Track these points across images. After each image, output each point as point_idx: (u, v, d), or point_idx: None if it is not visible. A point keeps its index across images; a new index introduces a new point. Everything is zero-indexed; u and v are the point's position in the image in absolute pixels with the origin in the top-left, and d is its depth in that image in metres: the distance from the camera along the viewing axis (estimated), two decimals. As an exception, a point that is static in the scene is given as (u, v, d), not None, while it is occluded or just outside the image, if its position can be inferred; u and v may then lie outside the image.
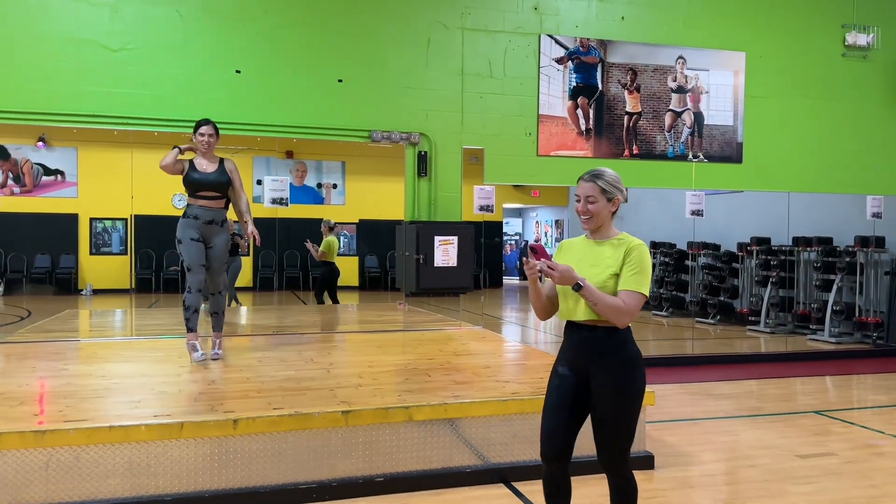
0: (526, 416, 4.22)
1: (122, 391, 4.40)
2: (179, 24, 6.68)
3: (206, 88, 6.76)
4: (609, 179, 2.81)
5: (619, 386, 2.70)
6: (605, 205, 2.80)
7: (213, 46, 6.77)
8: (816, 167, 8.63)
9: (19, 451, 3.43)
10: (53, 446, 3.47)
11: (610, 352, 2.72)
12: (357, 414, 3.91)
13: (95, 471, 3.54)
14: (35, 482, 3.46)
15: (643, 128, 7.94)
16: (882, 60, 8.86)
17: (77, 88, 6.46)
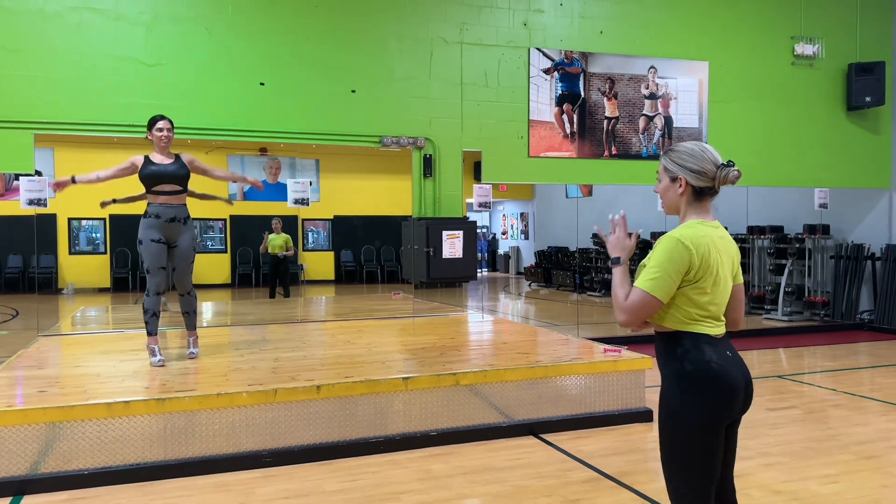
0: (549, 381, 5.07)
1: (206, 369, 5.08)
2: (208, 40, 7.29)
3: (234, 99, 7.39)
4: (676, 156, 2.33)
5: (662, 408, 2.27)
6: (667, 185, 2.36)
7: (239, 61, 7.40)
8: (770, 164, 9.70)
9: (143, 416, 4.12)
10: (171, 412, 4.17)
11: (662, 362, 2.31)
12: (415, 380, 4.70)
13: (204, 432, 4.25)
14: (155, 443, 4.15)
15: (620, 131, 8.87)
16: (826, 68, 9.97)
17: (115, 100, 7.02)
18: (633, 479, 4.04)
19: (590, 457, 4.45)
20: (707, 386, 2.17)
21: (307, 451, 4.41)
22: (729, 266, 2.35)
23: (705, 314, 2.26)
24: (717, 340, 2.27)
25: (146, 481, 4.01)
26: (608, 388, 5.19)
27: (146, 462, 4.09)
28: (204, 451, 4.23)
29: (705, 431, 2.17)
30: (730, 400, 2.19)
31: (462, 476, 4.12)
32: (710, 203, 2.36)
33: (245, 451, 4.29)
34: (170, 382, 4.60)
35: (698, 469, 2.19)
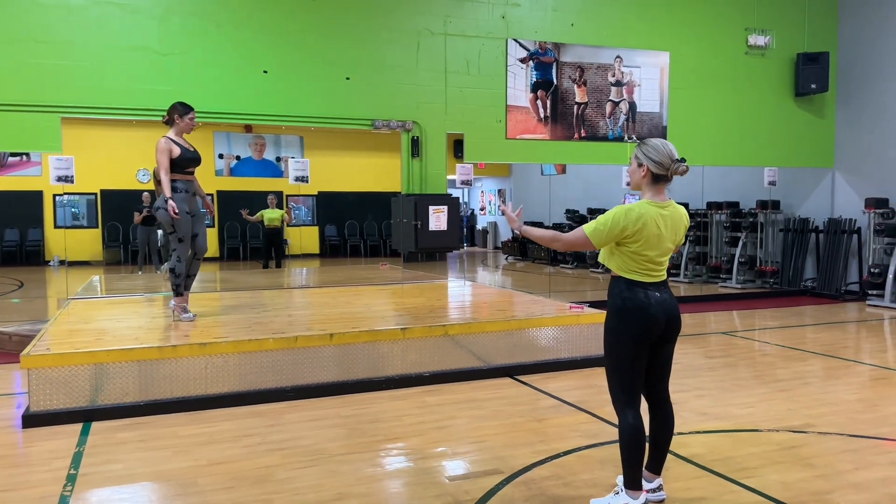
0: (522, 332, 6.00)
1: (232, 322, 5.93)
2: (216, 32, 8.02)
3: (240, 86, 8.15)
4: (644, 149, 3.05)
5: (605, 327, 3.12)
6: (635, 169, 3.08)
7: (245, 51, 8.15)
8: (725, 145, 10.68)
9: (188, 358, 4.97)
10: (211, 354, 5.03)
11: (608, 296, 3.15)
12: (410, 330, 5.61)
13: (237, 370, 5.12)
14: (197, 379, 5.01)
15: (589, 115, 9.77)
16: (777, 58, 10.94)
17: (131, 86, 7.76)
18: (589, 405, 5.01)
19: (555, 391, 5.40)
20: (633, 315, 3.00)
21: (322, 387, 5.30)
22: (671, 233, 3.07)
23: (639, 266, 3.03)
24: (648, 285, 3.03)
25: (192, 411, 4.88)
26: (572, 338, 6.15)
27: (191, 395, 4.96)
28: (238, 387, 5.10)
29: (629, 345, 3.01)
30: (649, 326, 3.00)
31: (451, 405, 5.05)
32: (664, 186, 3.08)
33: (271, 387, 5.17)
34: (205, 332, 5.46)
35: (624, 370, 3.06)
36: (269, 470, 3.80)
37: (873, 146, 10.83)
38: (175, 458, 3.99)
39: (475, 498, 3.41)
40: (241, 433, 4.43)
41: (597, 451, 4.08)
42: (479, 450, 4.11)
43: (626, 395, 3.08)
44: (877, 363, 6.44)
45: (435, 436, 4.38)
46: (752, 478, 3.62)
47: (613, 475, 3.67)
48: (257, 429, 4.52)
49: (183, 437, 4.37)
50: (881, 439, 4.26)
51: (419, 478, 3.71)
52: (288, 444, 4.23)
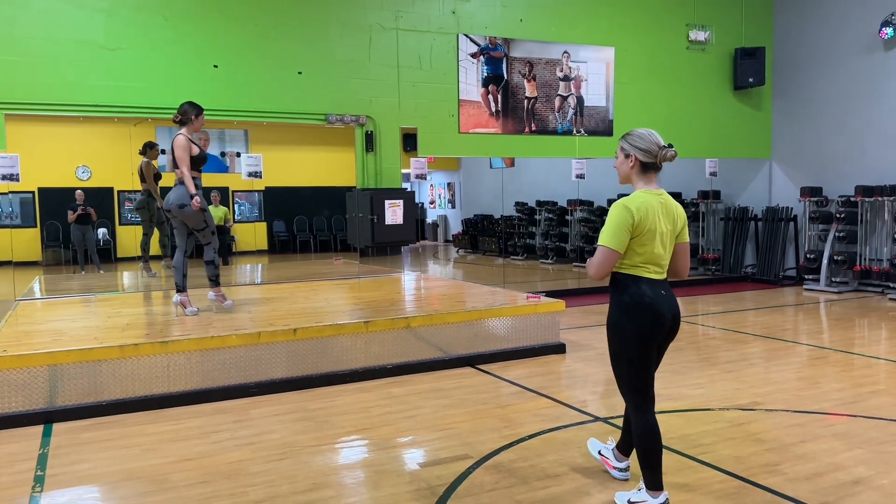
0: (482, 322, 6.14)
1: (191, 320, 5.89)
2: (165, 26, 7.89)
3: (189, 81, 8.03)
4: (630, 137, 3.04)
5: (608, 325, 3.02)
6: (622, 161, 3.04)
7: (194, 45, 8.03)
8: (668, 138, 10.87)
9: (150, 356, 4.94)
10: (173, 352, 5.00)
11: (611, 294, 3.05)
12: (374, 323, 5.68)
13: (200, 368, 5.10)
14: (160, 378, 4.98)
15: (539, 109, 9.98)
16: (716, 53, 11.36)
17: (79, 82, 7.57)
18: (549, 391, 5.19)
19: (516, 378, 5.56)
20: (639, 312, 2.90)
21: (287, 382, 5.33)
22: (669, 225, 2.99)
23: (644, 261, 2.94)
24: (653, 282, 2.94)
25: (156, 409, 4.85)
26: (529, 327, 6.32)
27: (154, 394, 4.93)
28: (201, 385, 5.09)
29: (638, 344, 2.92)
30: (657, 324, 2.92)
31: (416, 395, 5.16)
32: (654, 175, 3.02)
33: (236, 383, 5.18)
34: (165, 330, 5.42)
35: (634, 371, 2.97)
36: (240, 464, 3.83)
37: (807, 137, 11.37)
38: (144, 456, 3.98)
39: (447, 482, 3.52)
40: (208, 429, 4.44)
41: (560, 433, 4.25)
42: (448, 437, 4.22)
43: (640, 396, 3.00)
44: (815, 343, 6.83)
45: (403, 425, 4.47)
46: (707, 453, 3.84)
47: (578, 456, 3.84)
48: (224, 425, 4.53)
49: (149, 434, 4.35)
50: (824, 413, 4.55)
51: (391, 465, 3.80)
52: (257, 438, 4.26)
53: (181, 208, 5.88)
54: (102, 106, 7.74)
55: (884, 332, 7.42)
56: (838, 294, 10.16)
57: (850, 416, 4.48)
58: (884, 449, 3.86)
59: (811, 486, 3.37)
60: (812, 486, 3.38)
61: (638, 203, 2.91)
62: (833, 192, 10.84)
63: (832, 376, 5.52)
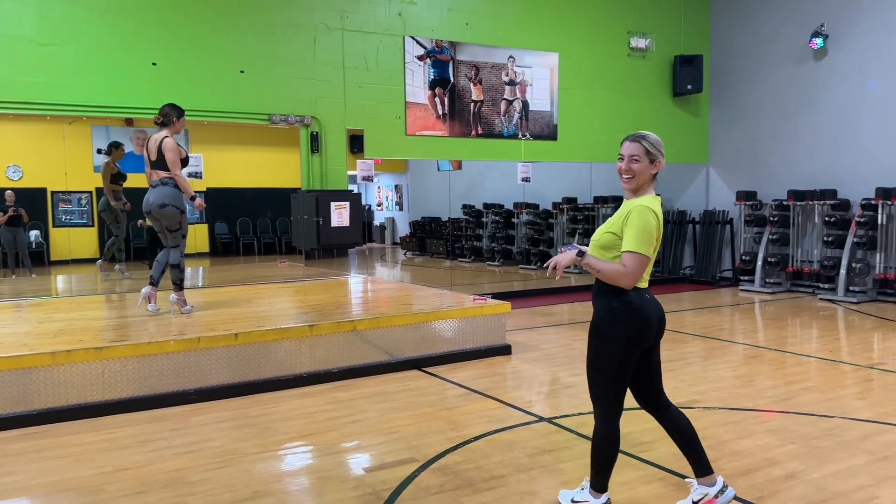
0: (429, 325, 6.13)
1: (129, 325, 5.70)
2: (99, 21, 7.62)
3: (126, 78, 7.79)
4: (653, 141, 2.88)
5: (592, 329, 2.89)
6: (647, 166, 2.85)
7: (131, 42, 7.79)
8: (611, 142, 11.23)
9: (83, 363, 4.75)
10: (108, 359, 4.83)
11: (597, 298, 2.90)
12: (319, 327, 5.61)
13: (137, 375, 4.94)
14: (94, 385, 4.81)
15: (485, 113, 10.04)
16: (656, 59, 11.64)
17: (10, 79, 7.24)
18: (495, 393, 5.21)
19: (462, 380, 5.58)
20: (627, 317, 2.80)
21: (228, 388, 5.21)
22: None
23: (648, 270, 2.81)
24: (641, 288, 2.85)
25: (90, 418, 4.68)
26: (476, 329, 6.35)
27: (88, 402, 4.75)
28: (138, 392, 4.93)
29: (623, 350, 2.82)
30: (644, 330, 2.83)
31: (362, 399, 5.11)
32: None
33: (174, 390, 5.03)
34: (101, 335, 5.23)
35: (615, 376, 2.85)
36: (179, 473, 3.73)
37: (743, 143, 11.76)
38: (77, 467, 3.83)
39: (392, 487, 3.50)
40: (145, 438, 4.30)
41: (505, 434, 4.27)
42: (393, 440, 4.20)
43: (612, 402, 2.90)
44: (750, 342, 7.06)
45: (348, 430, 4.43)
46: (648, 451, 3.92)
47: (522, 456, 3.87)
48: (162, 433, 4.40)
49: (83, 444, 4.19)
50: (758, 410, 4.70)
51: (336, 471, 3.75)
52: (196, 446, 4.15)
53: (162, 208, 5.93)
54: (34, 103, 7.43)
55: (814, 331, 7.72)
56: (772, 294, 10.53)
57: (783, 412, 4.65)
58: (815, 444, 4.01)
59: (747, 482, 3.47)
60: (748, 481, 3.49)
61: (658, 208, 2.84)
62: (767, 196, 11.24)
63: (766, 374, 5.71)
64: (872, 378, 5.55)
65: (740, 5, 11.65)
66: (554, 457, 3.88)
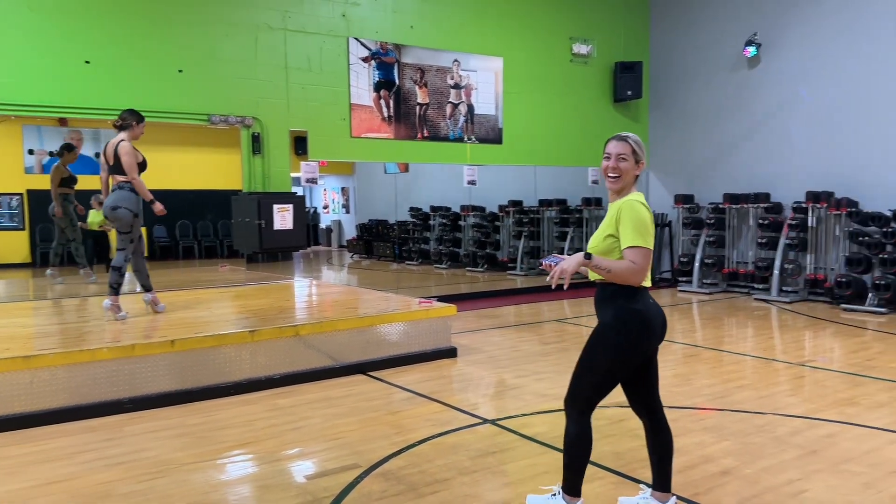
0: (374, 328, 6.08)
1: (60, 332, 5.48)
2: (31, 17, 7.32)
3: (58, 76, 7.51)
4: (638, 142, 2.90)
5: (595, 333, 2.82)
6: (633, 165, 2.86)
7: (64, 39, 7.51)
8: (554, 146, 11.42)
9: (9, 373, 4.54)
10: (37, 367, 4.63)
11: (601, 305, 2.84)
12: (260, 332, 5.50)
13: (69, 384, 4.75)
14: (22, 395, 4.60)
15: (431, 116, 10.04)
16: (598, 65, 11.86)
17: (-71, 74, 6.90)
18: (440, 396, 5.21)
19: (407, 384, 5.55)
20: (636, 326, 2.74)
21: (165, 396, 5.06)
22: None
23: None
24: (645, 291, 2.79)
25: (18, 429, 4.47)
26: (422, 332, 6.33)
27: (16, 413, 4.54)
28: (69, 402, 4.73)
29: (624, 357, 2.76)
30: (648, 337, 2.78)
31: (304, 405, 5.03)
32: None
33: (108, 399, 4.86)
34: (30, 343, 5.01)
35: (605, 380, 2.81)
36: (110, 485, 3.59)
37: (681, 148, 12.08)
38: (6, 480, 3.65)
39: (334, 494, 3.45)
40: (76, 450, 4.14)
41: (449, 437, 4.27)
42: (336, 447, 4.14)
43: (593, 403, 2.86)
44: (688, 342, 7.24)
45: (289, 437, 4.35)
46: (589, 451, 3.96)
47: (466, 459, 3.87)
48: (94, 444, 4.24)
49: (11, 457, 4.00)
50: (695, 409, 4.82)
51: (276, 479, 3.68)
52: (129, 457, 4.01)
53: (114, 210, 5.94)
54: (-43, 101, 7.09)
55: (750, 330, 7.97)
56: (709, 295, 10.84)
57: (719, 409, 4.78)
58: (749, 440, 4.13)
59: (683, 479, 3.55)
60: (684, 478, 3.56)
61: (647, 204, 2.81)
62: (704, 199, 11.57)
63: (703, 373, 5.87)
64: (803, 375, 5.76)
65: (678, 14, 11.98)
66: (497, 458, 3.90)
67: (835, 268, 9.75)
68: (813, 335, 7.60)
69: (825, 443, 4.08)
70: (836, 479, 3.53)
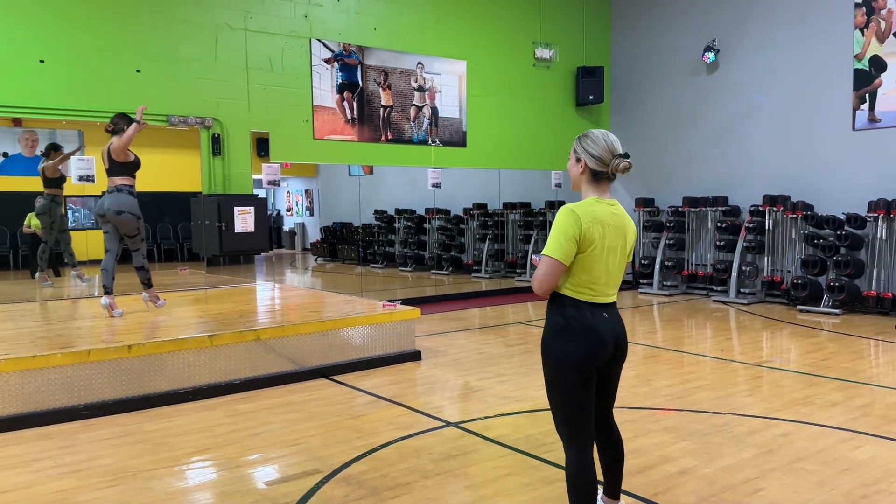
0: (337, 332, 6.04)
1: (10, 338, 5.32)
2: (-21, 12, 7.11)
3: (11, 76, 7.29)
4: (583, 142, 2.64)
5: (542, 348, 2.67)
6: (573, 164, 2.68)
7: (17, 37, 7.30)
8: (517, 150, 11.49)
9: (-43, 381, 4.40)
10: None
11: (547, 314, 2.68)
12: (219, 337, 5.41)
13: (21, 390, 4.61)
14: (-31, 405, 4.45)
15: (395, 118, 10.02)
16: (560, 70, 11.97)
17: None
18: (404, 399, 5.19)
19: (371, 388, 5.52)
20: (575, 336, 2.55)
21: (121, 403, 4.94)
22: (621, 240, 2.62)
23: (589, 282, 2.57)
24: (595, 305, 2.59)
25: (-36, 440, 4.33)
26: (385, 335, 6.30)
27: (-38, 423, 4.39)
28: (22, 409, 4.60)
29: (573, 371, 2.54)
30: (596, 349, 2.56)
31: (265, 410, 4.97)
32: (607, 185, 2.62)
33: (62, 406, 4.73)
34: (-24, 351, 4.85)
35: (568, 401, 2.59)
36: (65, 494, 3.50)
37: (641, 152, 12.24)
38: (-53, 495, 3.53)
39: (295, 500, 3.41)
40: (29, 458, 4.02)
41: (412, 441, 4.25)
42: (297, 452, 4.10)
43: (569, 430, 2.64)
44: (648, 343, 7.34)
45: (249, 443, 4.29)
46: (551, 452, 3.99)
47: (428, 462, 3.86)
48: (48, 451, 4.13)
49: (-45, 469, 3.86)
50: (654, 409, 4.89)
51: (235, 486, 3.62)
52: (85, 464, 3.91)
53: (118, 215, 6.20)
54: None
55: (708, 332, 8.12)
56: (669, 297, 11.01)
57: (678, 410, 4.85)
58: (707, 440, 4.20)
59: (643, 479, 3.60)
60: (644, 478, 3.61)
61: (586, 209, 2.54)
62: (664, 202, 11.75)
63: (663, 373, 5.95)
64: (761, 375, 5.89)
65: (639, 19, 12.16)
66: (460, 461, 3.89)
67: (791, 270, 9.99)
68: (770, 336, 7.77)
69: (781, 441, 4.17)
70: (791, 478, 3.61)
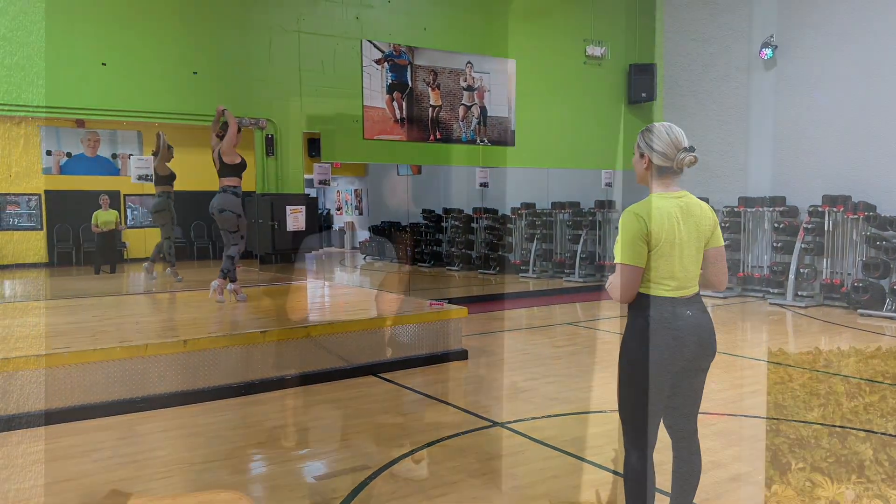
0: (385, 330, 6.09)
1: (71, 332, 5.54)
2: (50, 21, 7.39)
3: (75, 78, 7.58)
4: (647, 137, 2.60)
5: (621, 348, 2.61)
6: (637, 159, 2.65)
7: (81, 42, 7.59)
8: (567, 149, 11.38)
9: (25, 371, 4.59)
10: (52, 366, 4.68)
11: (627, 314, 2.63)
12: (270, 333, 5.52)
13: (82, 383, 4.80)
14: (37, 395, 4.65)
15: (443, 118, 10.05)
16: (611, 68, 11.81)
17: None
18: (450, 398, 5.21)
19: (418, 386, 5.55)
20: (653, 335, 2.49)
21: (176, 396, 5.09)
22: (693, 231, 2.56)
23: (663, 276, 2.51)
24: (675, 300, 2.53)
25: (31, 427, 4.52)
26: (433, 334, 6.33)
27: (29, 411, 4.59)
28: (81, 401, 4.78)
29: (644, 371, 2.48)
30: (674, 351, 2.50)
31: (316, 406, 5.05)
32: (672, 178, 2.58)
33: (120, 398, 4.90)
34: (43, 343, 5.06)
35: (637, 402, 2.53)
36: (122, 483, 3.62)
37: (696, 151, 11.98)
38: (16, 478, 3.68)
39: (343, 495, 3.45)
40: (89, 448, 4.18)
41: (458, 440, 4.26)
42: (345, 448, 4.15)
43: (634, 432, 2.58)
44: (701, 346, 7.17)
45: (299, 438, 4.37)
46: (599, 455, 3.95)
47: (475, 461, 3.87)
48: (107, 442, 4.28)
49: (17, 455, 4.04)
50: (707, 413, 4.78)
51: (284, 480, 3.69)
52: (142, 455, 4.05)
53: (220, 212, 6.83)
54: None
55: (764, 335, 7.90)
56: (724, 299, 10.75)
57: (731, 415, 4.74)
58: (760, 446, 4.09)
59: (694, 484, 3.52)
60: (695, 483, 3.53)
61: (649, 209, 2.51)
62: (718, 202, 11.48)
63: (715, 377, 5.82)
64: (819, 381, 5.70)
65: (692, 15, 11.91)
66: (507, 462, 3.89)
67: (851, 272, 9.64)
68: (828, 341, 7.52)
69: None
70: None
